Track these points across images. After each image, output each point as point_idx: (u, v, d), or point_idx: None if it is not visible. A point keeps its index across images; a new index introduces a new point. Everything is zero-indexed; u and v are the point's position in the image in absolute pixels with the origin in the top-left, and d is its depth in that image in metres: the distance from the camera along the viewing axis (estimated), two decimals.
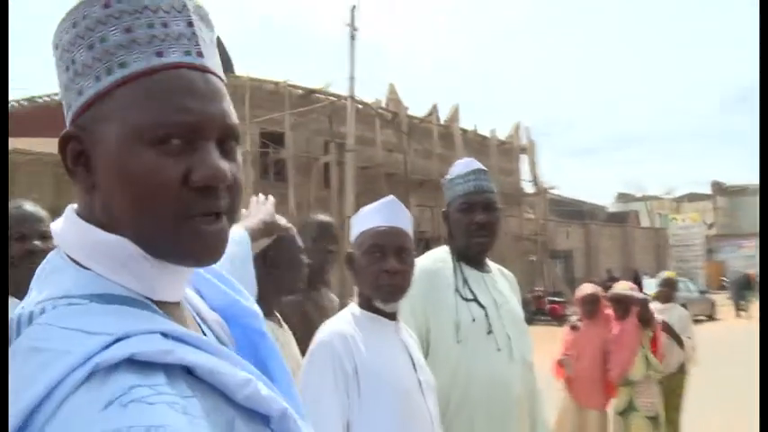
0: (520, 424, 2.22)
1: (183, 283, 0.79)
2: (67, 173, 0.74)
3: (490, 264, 2.50)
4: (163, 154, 0.69)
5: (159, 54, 0.71)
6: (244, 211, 1.88)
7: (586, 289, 5.31)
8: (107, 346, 0.61)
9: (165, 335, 0.66)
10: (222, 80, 0.77)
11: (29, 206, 2.16)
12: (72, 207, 0.77)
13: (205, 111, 0.71)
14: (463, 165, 2.47)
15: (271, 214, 1.79)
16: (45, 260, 0.75)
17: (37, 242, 2.06)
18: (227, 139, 0.74)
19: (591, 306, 5.15)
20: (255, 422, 0.72)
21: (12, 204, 2.16)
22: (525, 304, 21.42)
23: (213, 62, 0.76)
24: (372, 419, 1.73)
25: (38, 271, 0.74)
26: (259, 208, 1.81)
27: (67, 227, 0.75)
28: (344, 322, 1.87)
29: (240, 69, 21.28)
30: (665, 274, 6.30)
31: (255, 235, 1.67)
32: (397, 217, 1.93)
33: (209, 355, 0.69)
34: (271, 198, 1.86)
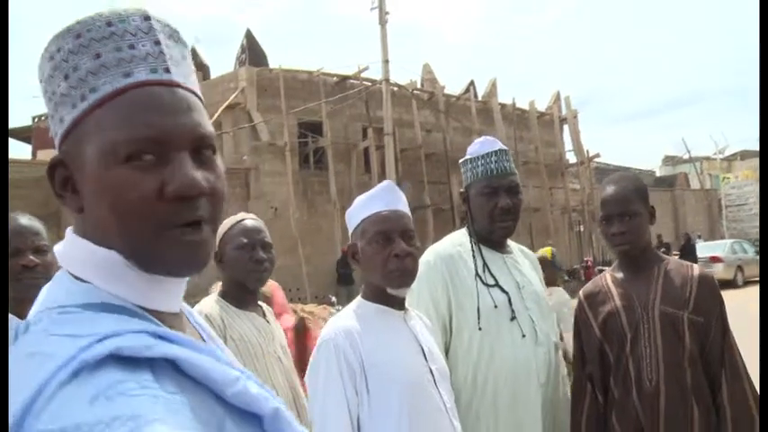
0: (544, 409, 2.17)
1: (176, 294, 0.82)
2: (57, 198, 0.78)
3: (511, 244, 2.41)
4: (136, 170, 0.72)
5: (126, 75, 0.75)
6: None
7: None
8: (92, 345, 0.64)
9: (151, 334, 0.69)
10: (194, 93, 0.79)
11: (24, 219, 2.09)
12: (71, 228, 0.81)
13: (173, 123, 0.74)
14: (483, 144, 2.37)
15: None
16: (53, 278, 0.79)
17: (32, 257, 2.02)
18: (201, 149, 0.77)
19: None
20: (247, 422, 0.73)
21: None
22: (575, 275, 21.29)
23: (183, 76, 0.79)
24: (382, 414, 1.70)
25: (44, 288, 0.78)
26: None
27: (67, 245, 0.80)
28: (349, 317, 1.82)
29: (273, 61, 21.43)
30: (540, 252, 4.91)
31: None
32: (396, 200, 1.89)
33: (198, 353, 0.71)
34: None
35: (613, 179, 2.35)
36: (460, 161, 2.43)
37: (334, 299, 14.03)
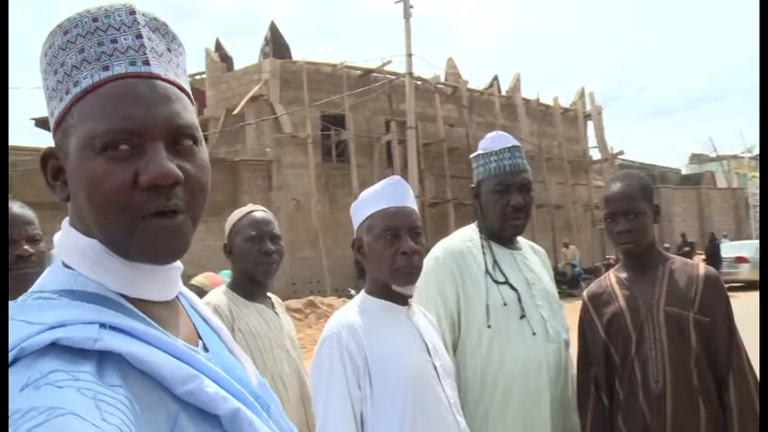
0: (554, 406, 2.15)
1: (163, 283, 0.82)
2: (48, 187, 0.81)
3: (520, 240, 2.39)
4: (111, 160, 0.74)
5: (105, 68, 0.77)
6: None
7: None
8: (35, 334, 0.65)
9: (103, 325, 0.69)
10: (177, 84, 0.81)
11: (16, 207, 2.05)
12: (67, 218, 0.83)
13: (148, 115, 0.76)
14: (497, 139, 2.32)
15: None
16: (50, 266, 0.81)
17: (26, 246, 1.97)
18: (180, 139, 0.78)
19: None
20: (206, 420, 0.73)
21: None
22: (597, 273, 21.22)
23: (165, 68, 0.80)
24: (386, 409, 1.70)
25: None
26: None
27: (61, 233, 0.82)
28: (352, 312, 1.82)
29: (297, 54, 21.46)
30: None
31: None
32: (405, 197, 1.87)
33: (153, 347, 0.71)
34: None
35: (618, 177, 2.33)
36: (472, 156, 2.39)
37: (353, 292, 14.03)
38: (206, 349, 0.85)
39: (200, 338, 0.87)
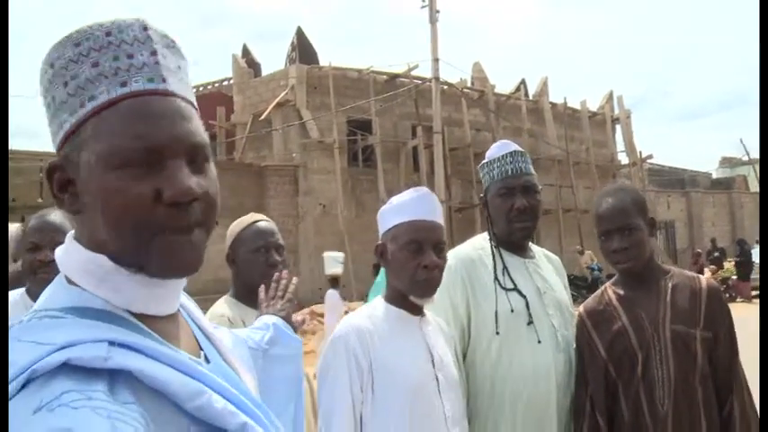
0: (563, 416, 2.14)
1: (168, 297, 0.83)
2: (55, 200, 0.81)
3: (534, 248, 2.39)
4: (130, 176, 0.75)
5: (123, 84, 0.78)
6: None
7: None
8: (46, 355, 0.65)
9: (112, 343, 0.70)
10: (190, 102, 0.83)
11: (52, 216, 2.14)
12: (71, 233, 0.84)
13: (168, 133, 0.77)
14: (499, 147, 2.38)
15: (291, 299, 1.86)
16: (53, 281, 0.81)
17: (50, 252, 2.00)
18: (196, 156, 0.80)
19: None
20: None
21: (36, 215, 2.17)
22: None
23: (179, 86, 0.82)
24: (383, 415, 1.75)
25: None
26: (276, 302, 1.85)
27: (65, 249, 0.82)
28: (364, 317, 1.87)
29: (323, 59, 21.57)
30: None
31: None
32: (433, 211, 1.91)
33: (162, 364, 0.72)
34: (284, 274, 1.91)
35: (608, 192, 2.25)
36: (479, 165, 2.43)
37: None
38: (207, 360, 0.87)
39: (202, 349, 0.88)
